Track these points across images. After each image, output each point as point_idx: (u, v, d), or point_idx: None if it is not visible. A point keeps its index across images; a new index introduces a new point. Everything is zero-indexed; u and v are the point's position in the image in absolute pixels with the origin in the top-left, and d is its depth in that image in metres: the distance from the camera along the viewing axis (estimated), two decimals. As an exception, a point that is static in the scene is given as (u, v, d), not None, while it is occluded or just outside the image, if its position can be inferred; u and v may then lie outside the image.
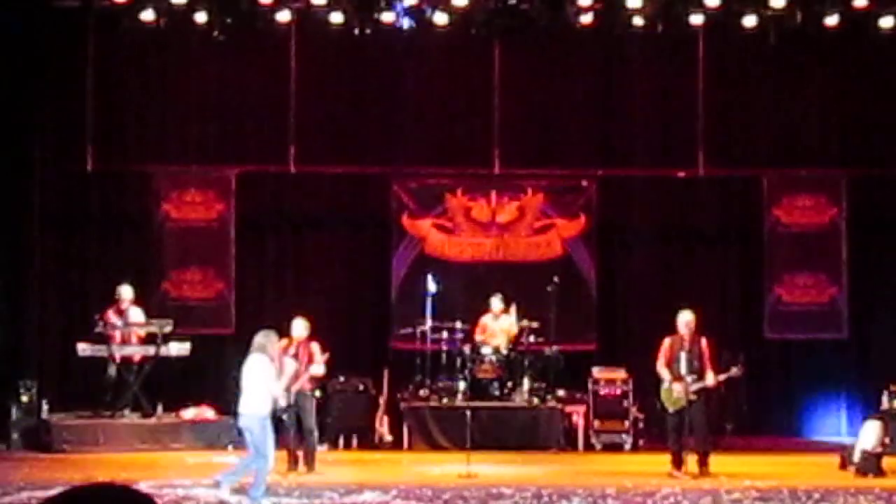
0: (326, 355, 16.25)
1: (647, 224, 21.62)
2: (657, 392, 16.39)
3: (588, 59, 21.35)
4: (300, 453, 16.04)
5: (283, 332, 16.30)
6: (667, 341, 16.22)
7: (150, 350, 18.75)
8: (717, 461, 16.53)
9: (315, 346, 16.20)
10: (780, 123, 21.36)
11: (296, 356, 16.01)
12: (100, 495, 3.31)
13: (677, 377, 15.93)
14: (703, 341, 16.14)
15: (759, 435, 19.79)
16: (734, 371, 16.40)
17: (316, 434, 16.34)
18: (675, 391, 15.93)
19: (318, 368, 16.20)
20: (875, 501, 13.67)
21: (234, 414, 14.61)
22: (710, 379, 16.00)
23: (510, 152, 21.12)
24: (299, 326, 16.24)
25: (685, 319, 16.14)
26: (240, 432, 14.37)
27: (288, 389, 15.84)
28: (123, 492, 3.34)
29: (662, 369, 16.11)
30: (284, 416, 15.90)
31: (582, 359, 20.14)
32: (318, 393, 16.91)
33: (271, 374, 13.91)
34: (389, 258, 21.30)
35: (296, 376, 15.88)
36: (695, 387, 15.86)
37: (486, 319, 19.67)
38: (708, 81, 20.93)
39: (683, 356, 15.98)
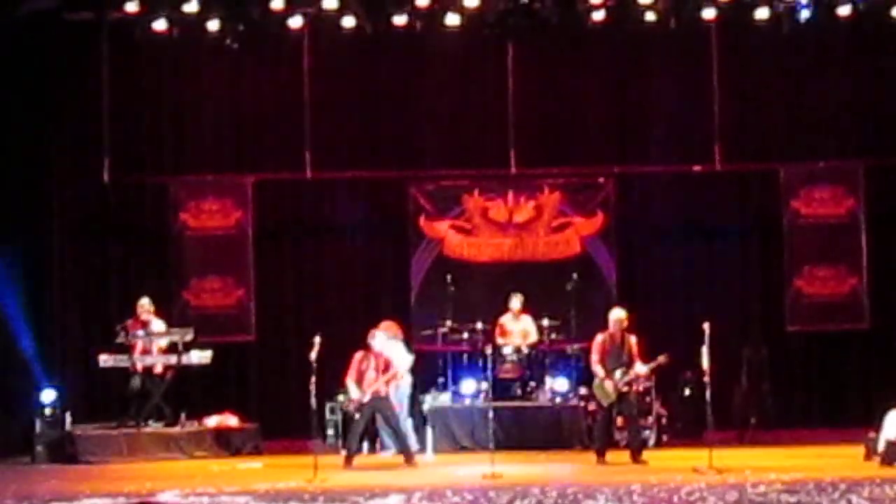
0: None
1: (664, 220, 21.58)
2: (591, 387, 17.30)
3: (601, 56, 21.31)
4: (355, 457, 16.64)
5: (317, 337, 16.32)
6: (599, 338, 17.02)
7: (172, 359, 18.75)
8: (742, 455, 16.53)
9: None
10: (796, 115, 21.29)
11: (375, 366, 16.69)
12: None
13: (609, 372, 16.70)
14: (633, 338, 16.88)
15: (783, 428, 19.73)
16: (661, 359, 16.91)
17: (403, 433, 16.96)
18: (606, 386, 16.75)
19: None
20: (901, 491, 13.58)
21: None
22: (641, 368, 16.81)
23: (526, 152, 21.08)
24: (383, 338, 16.84)
25: (617, 317, 16.95)
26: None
27: (363, 387, 16.40)
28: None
29: (596, 366, 16.93)
30: (357, 415, 16.50)
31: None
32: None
33: None
34: (408, 261, 21.31)
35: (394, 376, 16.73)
36: (625, 379, 16.68)
37: (504, 320, 19.68)
38: (722, 75, 20.88)
39: (615, 352, 16.75)
